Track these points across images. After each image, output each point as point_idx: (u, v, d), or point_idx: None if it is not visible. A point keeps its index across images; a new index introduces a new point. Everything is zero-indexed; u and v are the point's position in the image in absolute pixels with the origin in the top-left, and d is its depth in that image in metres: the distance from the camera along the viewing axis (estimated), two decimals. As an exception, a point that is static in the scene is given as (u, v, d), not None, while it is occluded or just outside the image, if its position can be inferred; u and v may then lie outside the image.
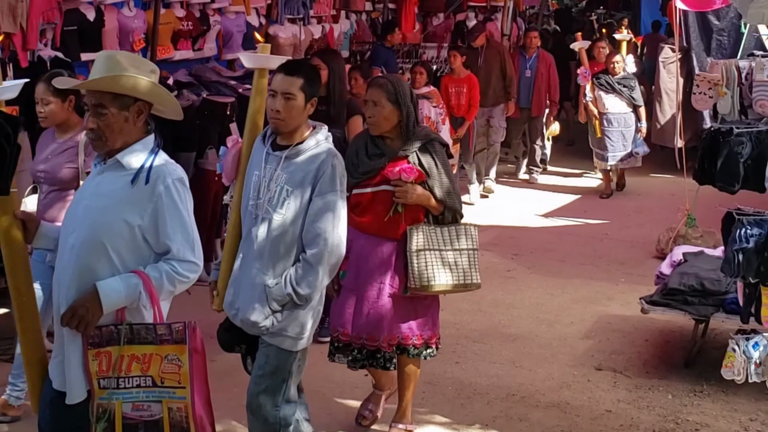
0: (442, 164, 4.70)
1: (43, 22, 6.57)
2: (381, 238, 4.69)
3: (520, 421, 5.26)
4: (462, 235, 4.74)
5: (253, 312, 4.02)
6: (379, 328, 4.72)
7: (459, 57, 10.14)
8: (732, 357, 5.22)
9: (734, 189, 6.15)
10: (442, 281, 4.65)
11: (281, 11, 9.97)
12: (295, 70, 4.04)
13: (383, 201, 4.64)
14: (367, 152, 4.71)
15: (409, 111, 4.64)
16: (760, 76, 6.78)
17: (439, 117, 9.22)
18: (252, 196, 4.04)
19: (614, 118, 10.74)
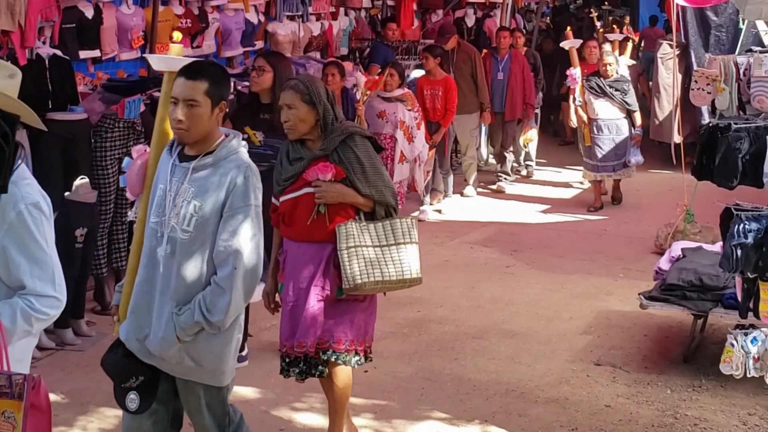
0: (366, 157, 4.48)
1: (41, 19, 6.56)
2: (310, 243, 4.48)
3: (519, 417, 5.27)
4: (397, 230, 4.52)
5: (160, 342, 3.59)
6: (307, 333, 4.50)
7: (432, 58, 9.49)
8: (730, 352, 5.24)
9: (732, 184, 6.16)
10: (375, 278, 4.42)
11: (280, 8, 9.99)
12: (198, 73, 3.61)
13: (307, 205, 4.45)
14: (289, 158, 4.51)
15: (326, 109, 4.43)
16: (758, 72, 6.77)
17: (413, 121, 8.85)
18: (156, 213, 3.65)
19: (604, 124, 9.95)
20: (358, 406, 5.34)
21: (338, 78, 7.82)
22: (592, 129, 10.01)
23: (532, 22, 15.08)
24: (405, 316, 6.83)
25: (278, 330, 6.45)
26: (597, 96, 9.91)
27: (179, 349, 3.59)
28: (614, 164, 10.01)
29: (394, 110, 8.77)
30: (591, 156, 10.09)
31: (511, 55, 10.89)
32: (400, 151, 8.74)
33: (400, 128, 8.74)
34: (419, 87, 9.57)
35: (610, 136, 9.94)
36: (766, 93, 6.80)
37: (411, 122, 8.82)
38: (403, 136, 8.75)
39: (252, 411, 5.26)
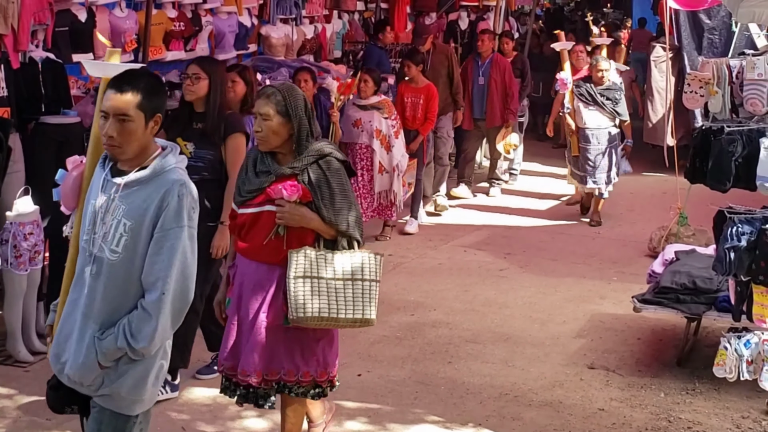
0: (338, 183, 4.21)
1: (34, 23, 6.55)
2: (262, 263, 4.23)
3: (513, 420, 5.27)
4: (357, 264, 4.21)
5: (79, 368, 3.35)
6: (250, 362, 4.24)
7: (413, 65, 9.11)
8: (724, 355, 5.24)
9: (725, 187, 6.18)
10: (322, 313, 4.12)
11: (273, 11, 9.97)
12: (129, 85, 3.33)
13: (266, 222, 4.19)
14: (256, 169, 4.25)
15: (302, 123, 4.19)
16: (750, 75, 6.80)
17: (391, 130, 8.49)
18: (87, 230, 3.40)
19: (593, 134, 9.44)
20: (351, 410, 5.34)
21: (311, 84, 7.65)
22: (579, 139, 9.52)
23: (525, 25, 15.09)
24: (398, 319, 6.83)
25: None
26: (587, 104, 9.44)
27: (99, 376, 3.34)
28: (605, 176, 9.51)
29: (369, 119, 8.45)
30: (579, 167, 9.62)
31: (492, 60, 10.45)
32: (379, 161, 8.48)
33: (377, 137, 8.45)
34: (399, 94, 9.27)
35: (599, 146, 9.45)
36: (759, 96, 6.82)
37: (388, 131, 8.49)
38: (381, 146, 8.46)
39: (245, 415, 5.26)
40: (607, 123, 9.45)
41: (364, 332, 6.55)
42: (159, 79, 3.62)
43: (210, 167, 5.29)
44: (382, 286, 7.46)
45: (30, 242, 5.71)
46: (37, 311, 6.06)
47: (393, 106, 8.69)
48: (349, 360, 6.05)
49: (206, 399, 5.44)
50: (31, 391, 5.39)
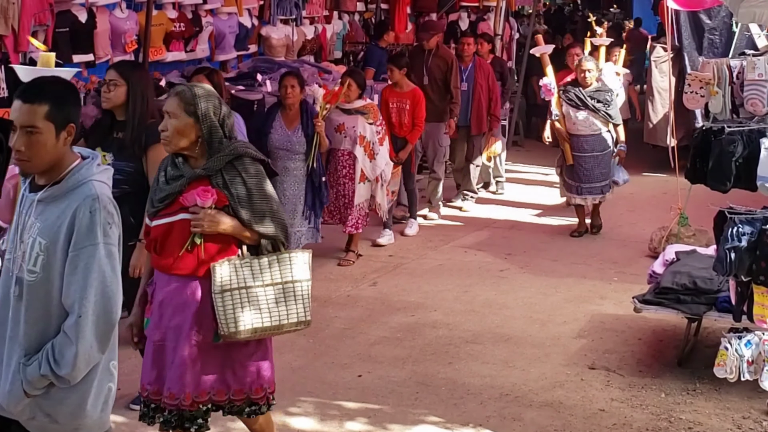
0: (255, 183, 3.95)
1: (34, 23, 6.57)
2: (181, 277, 3.91)
3: (513, 421, 5.27)
4: (285, 266, 3.95)
5: (6, 396, 3.15)
6: (179, 384, 3.94)
7: (397, 70, 8.70)
8: (724, 355, 5.24)
9: (726, 188, 6.18)
10: (254, 324, 3.88)
11: (274, 12, 9.99)
12: (37, 95, 3.10)
13: (181, 233, 3.88)
14: (167, 175, 3.95)
15: (212, 128, 3.89)
16: (751, 75, 6.81)
17: (375, 136, 8.05)
18: (9, 249, 3.22)
19: (585, 140, 8.89)
20: (351, 411, 5.34)
21: (297, 90, 7.33)
22: (573, 146, 8.95)
23: (526, 25, 15.10)
24: (399, 320, 6.83)
25: (276, 337, 6.47)
26: (577, 108, 8.85)
27: (29, 404, 3.14)
28: (602, 185, 9.00)
29: (353, 124, 7.99)
30: (573, 176, 9.02)
31: (475, 64, 9.99)
32: (361, 169, 8.01)
33: (360, 144, 7.98)
34: (384, 99, 8.85)
35: (593, 153, 8.91)
36: (760, 96, 6.83)
37: (372, 137, 8.04)
38: (364, 153, 8.00)
39: (246, 416, 5.25)
40: (600, 127, 8.90)
41: (364, 333, 6.56)
42: (71, 87, 3.31)
43: (130, 180, 4.96)
44: (382, 288, 7.60)
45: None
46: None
47: (378, 111, 8.29)
48: (349, 361, 6.05)
49: (206, 400, 5.42)
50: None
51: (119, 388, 3.49)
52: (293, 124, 7.42)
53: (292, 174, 7.42)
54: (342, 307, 7.13)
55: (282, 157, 7.39)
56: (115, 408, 3.51)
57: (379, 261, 8.31)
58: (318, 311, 7.01)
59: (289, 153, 7.40)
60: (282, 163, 7.34)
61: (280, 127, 7.43)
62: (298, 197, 7.45)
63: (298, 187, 7.44)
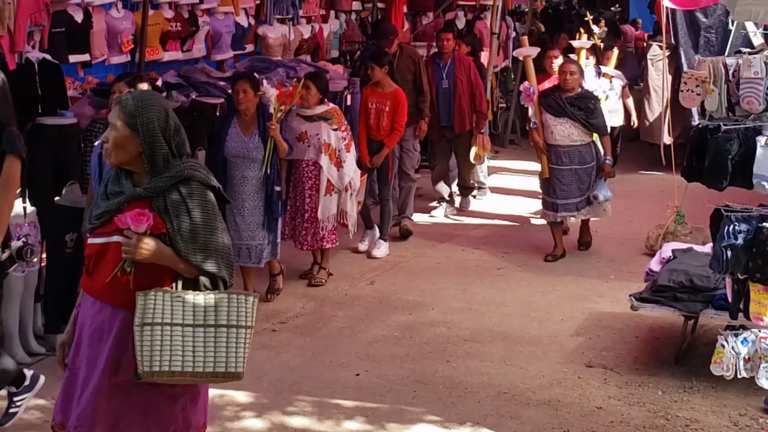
0: (200, 211, 3.49)
1: (30, 24, 6.55)
2: (106, 303, 3.54)
3: (511, 419, 5.28)
4: (223, 308, 3.44)
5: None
6: (86, 419, 3.52)
7: (378, 68, 8.16)
8: (721, 353, 5.25)
9: (722, 186, 6.18)
10: (174, 367, 3.38)
11: (270, 11, 9.98)
12: None
13: (114, 256, 3.48)
14: (107, 190, 3.58)
15: (155, 142, 3.48)
16: (747, 74, 6.79)
17: (341, 142, 7.44)
18: None
19: (565, 151, 8.11)
20: (349, 410, 5.35)
21: (251, 94, 6.80)
22: (550, 158, 8.20)
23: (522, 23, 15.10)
24: (397, 318, 6.83)
25: (273, 335, 6.49)
26: (556, 116, 8.10)
27: None
28: (577, 202, 8.20)
29: (316, 131, 7.37)
30: (549, 191, 8.27)
31: (454, 59, 9.44)
32: (327, 179, 7.41)
33: (325, 152, 7.38)
34: (363, 99, 8.37)
35: (572, 166, 8.12)
36: (756, 94, 6.82)
37: (338, 144, 7.43)
38: (329, 162, 7.40)
39: (244, 415, 5.26)
40: (582, 138, 8.11)
41: (362, 332, 6.56)
42: None
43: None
44: (380, 286, 7.60)
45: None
46: (35, 313, 6.06)
47: (342, 116, 7.70)
48: (347, 360, 6.06)
49: (204, 399, 5.43)
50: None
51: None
52: (250, 129, 6.88)
53: (251, 183, 6.87)
54: (340, 306, 7.14)
55: (239, 165, 6.86)
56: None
57: (376, 260, 8.31)
58: (316, 310, 7.03)
59: (246, 161, 6.85)
60: (240, 171, 6.86)
61: (236, 134, 6.88)
62: (258, 208, 6.92)
63: (257, 197, 6.91)
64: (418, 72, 8.99)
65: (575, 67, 8.21)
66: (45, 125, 6.41)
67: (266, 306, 6.98)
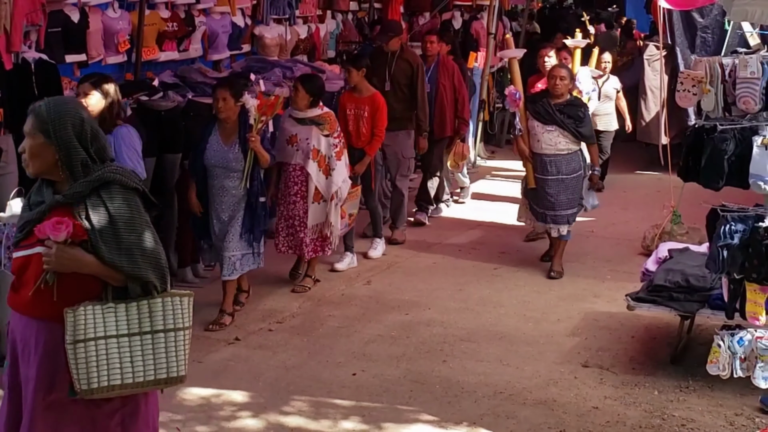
0: (123, 215, 3.36)
1: (26, 24, 6.54)
2: (32, 318, 3.39)
3: (507, 419, 5.28)
4: (157, 312, 3.36)
5: None
6: None
7: (355, 71, 7.83)
8: (717, 352, 5.26)
9: (719, 186, 6.19)
10: (113, 381, 3.27)
11: (267, 11, 9.96)
12: None
13: (37, 268, 3.35)
14: (30, 201, 3.50)
15: (70, 146, 3.36)
16: (743, 73, 6.82)
17: (331, 149, 7.19)
18: None
19: (550, 160, 7.65)
20: (346, 409, 5.35)
21: (231, 102, 6.46)
22: (536, 167, 7.73)
23: (518, 22, 15.11)
24: (393, 318, 6.84)
25: (269, 335, 6.49)
26: (545, 123, 7.65)
27: None
28: (568, 213, 7.80)
29: (307, 135, 7.16)
30: (537, 202, 7.85)
31: (438, 63, 9.10)
32: (314, 187, 7.19)
33: (314, 159, 7.14)
34: (341, 105, 7.98)
35: (558, 176, 7.69)
36: (752, 94, 6.85)
37: (328, 150, 7.19)
38: (318, 169, 7.17)
39: (240, 415, 5.26)
40: (569, 146, 7.67)
41: (358, 332, 6.57)
42: None
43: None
44: (377, 286, 7.60)
45: (24, 243, 5.70)
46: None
47: (336, 122, 7.37)
48: (344, 359, 6.06)
49: (200, 399, 5.44)
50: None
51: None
52: (230, 138, 6.54)
53: (229, 194, 6.54)
54: (336, 305, 7.14)
55: (219, 175, 6.55)
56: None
57: (373, 260, 8.31)
58: (312, 310, 7.03)
59: (226, 171, 6.52)
60: (219, 181, 6.56)
61: (216, 143, 6.56)
62: (235, 219, 6.55)
63: (235, 208, 6.55)
64: (416, 78, 8.61)
65: (565, 72, 7.72)
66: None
67: (262, 306, 6.99)
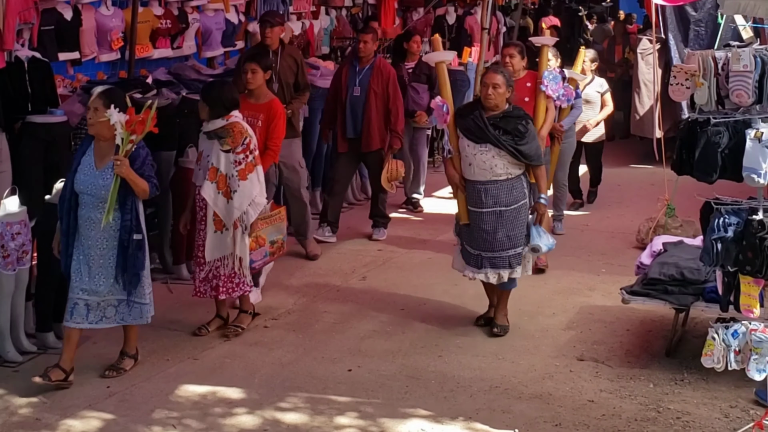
0: None
1: (19, 22, 6.54)
2: None
3: (503, 413, 5.29)
4: None
5: None
6: None
7: (261, 73, 6.90)
8: (712, 345, 5.26)
9: (712, 179, 6.18)
10: None
11: (260, 8, 9.96)
12: None
13: None
14: None
15: None
16: (736, 67, 6.79)
17: (233, 168, 6.08)
18: None
19: (486, 189, 6.15)
20: (341, 405, 5.36)
21: (102, 113, 5.36)
22: (468, 197, 6.28)
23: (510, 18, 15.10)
24: (388, 314, 6.84)
25: (265, 332, 6.49)
26: (476, 141, 6.15)
27: None
28: (510, 255, 6.25)
29: (208, 152, 6.18)
30: (471, 241, 6.33)
31: (373, 66, 8.28)
32: (213, 213, 6.15)
33: (211, 179, 6.09)
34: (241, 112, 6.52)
35: (495, 208, 6.18)
36: (745, 87, 6.83)
37: (229, 169, 6.07)
38: (216, 191, 6.09)
39: (236, 411, 5.26)
40: (509, 170, 6.17)
41: (353, 328, 6.57)
42: None
43: None
44: (372, 282, 7.60)
45: (17, 242, 5.70)
46: (26, 311, 6.05)
47: (244, 132, 6.16)
48: (339, 355, 6.07)
49: (196, 396, 5.44)
50: (20, 391, 5.39)
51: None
52: (104, 160, 5.46)
53: (98, 227, 5.44)
54: (331, 301, 7.14)
55: (87, 203, 5.46)
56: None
57: (368, 255, 8.31)
58: (307, 306, 7.03)
59: (94, 199, 5.44)
60: (86, 211, 5.46)
61: (89, 164, 5.49)
62: (107, 258, 5.49)
63: (107, 245, 5.48)
64: (301, 71, 8.03)
65: (500, 79, 6.16)
66: (35, 123, 6.41)
67: (258, 303, 6.98)
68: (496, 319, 6.52)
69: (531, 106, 7.30)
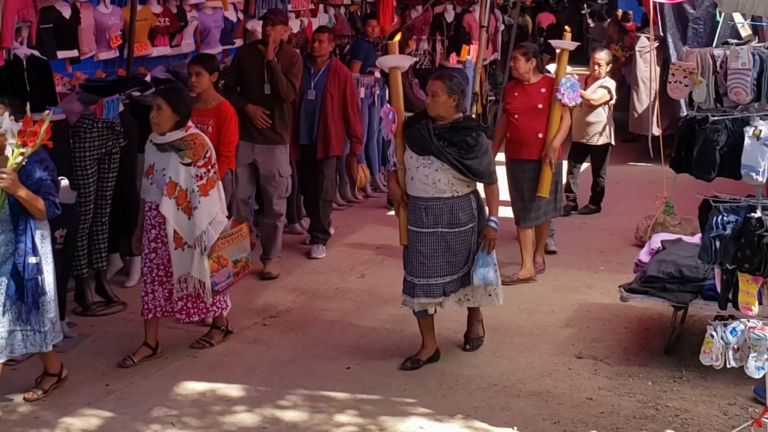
0: None
1: (18, 20, 6.53)
2: None
3: (501, 411, 5.30)
4: None
5: None
6: None
7: (207, 75, 6.55)
8: (710, 343, 5.26)
9: (710, 176, 6.18)
10: None
11: (259, 6, 9.96)
12: None
13: None
14: None
15: None
16: (734, 65, 6.79)
17: (194, 182, 5.62)
18: None
19: (427, 207, 5.62)
20: (340, 403, 5.36)
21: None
22: (408, 216, 5.73)
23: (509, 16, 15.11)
24: (387, 312, 6.84)
25: (263, 330, 6.50)
26: (420, 153, 5.62)
27: None
28: (445, 282, 5.68)
29: (164, 165, 5.68)
30: (410, 266, 5.72)
31: (330, 68, 7.90)
32: (173, 231, 5.66)
33: (169, 195, 5.61)
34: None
35: (437, 228, 5.64)
36: (743, 85, 6.84)
37: (189, 183, 5.62)
38: (176, 208, 5.62)
39: (235, 409, 5.27)
40: (455, 188, 5.63)
41: (352, 325, 6.58)
42: None
43: None
44: (370, 280, 7.60)
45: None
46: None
47: (205, 144, 5.72)
48: (338, 353, 6.07)
49: (195, 394, 5.45)
50: (19, 389, 5.39)
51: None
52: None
53: None
54: (330, 299, 7.14)
55: None
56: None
57: (366, 253, 8.31)
58: (306, 304, 7.04)
59: None
60: None
61: None
62: None
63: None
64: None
65: (440, 85, 5.60)
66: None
67: (256, 301, 6.99)
68: (470, 332, 6.12)
69: (545, 114, 7.12)
